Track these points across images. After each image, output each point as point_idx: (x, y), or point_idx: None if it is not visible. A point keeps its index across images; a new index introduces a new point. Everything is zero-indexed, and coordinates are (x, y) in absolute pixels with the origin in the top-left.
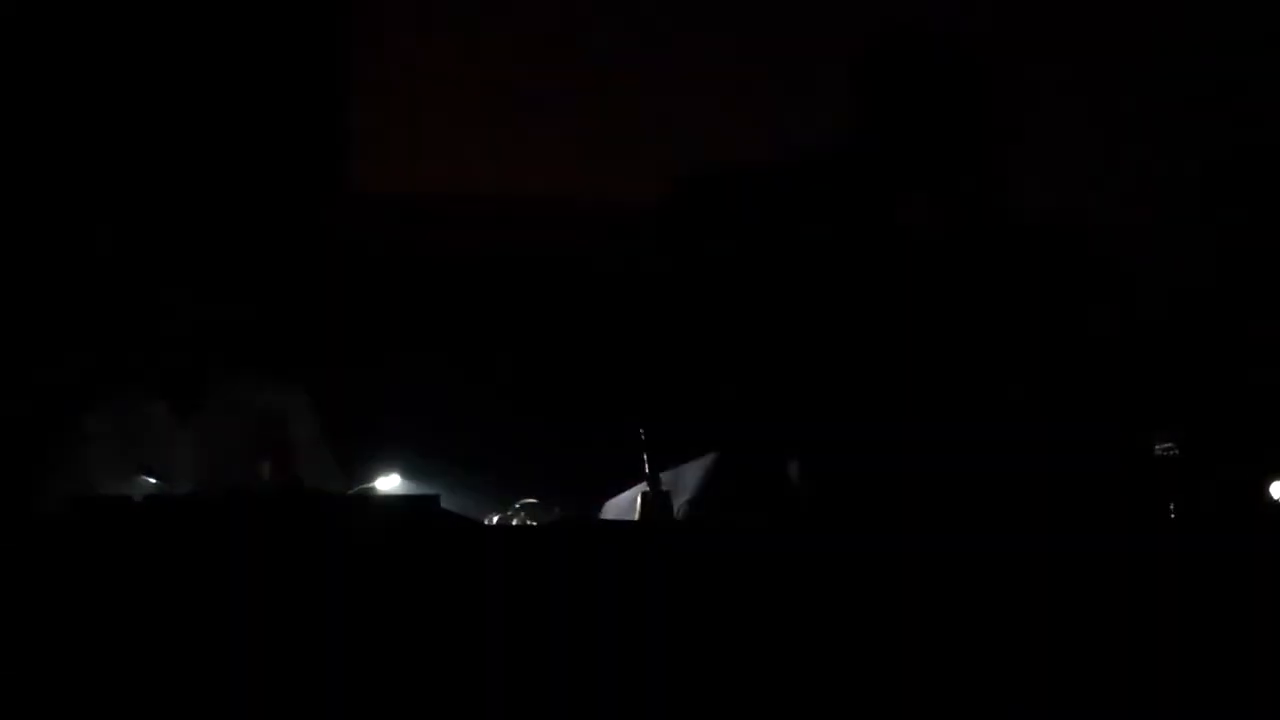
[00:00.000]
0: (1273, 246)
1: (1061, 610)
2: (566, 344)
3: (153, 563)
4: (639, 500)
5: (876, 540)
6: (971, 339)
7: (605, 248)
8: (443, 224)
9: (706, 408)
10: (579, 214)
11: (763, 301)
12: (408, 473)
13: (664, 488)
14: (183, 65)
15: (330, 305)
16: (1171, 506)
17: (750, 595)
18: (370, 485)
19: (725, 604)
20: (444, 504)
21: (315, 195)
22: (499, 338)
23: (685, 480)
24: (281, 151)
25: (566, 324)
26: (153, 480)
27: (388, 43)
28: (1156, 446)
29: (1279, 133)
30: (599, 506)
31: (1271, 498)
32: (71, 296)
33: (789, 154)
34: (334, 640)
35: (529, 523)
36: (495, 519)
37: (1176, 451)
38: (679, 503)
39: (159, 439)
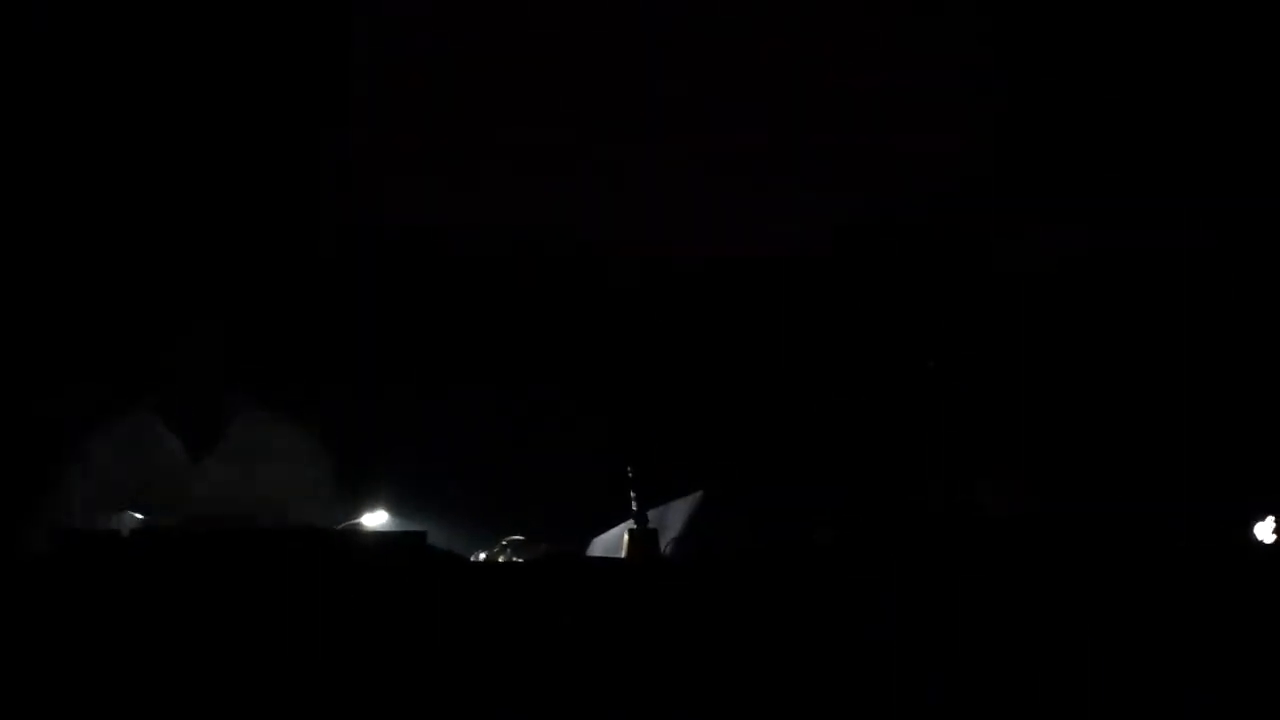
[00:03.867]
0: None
1: None
2: (556, 381)
3: (137, 598)
4: (626, 537)
5: None
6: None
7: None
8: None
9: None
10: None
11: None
12: (395, 509)
13: (650, 525)
14: (189, 101)
15: (319, 340)
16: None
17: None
18: (357, 521)
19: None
20: (431, 540)
21: (310, 226)
22: (489, 374)
23: (672, 518)
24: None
25: (557, 361)
26: (139, 516)
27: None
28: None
29: None
30: (587, 544)
31: (1256, 539)
32: (72, 325)
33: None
34: (321, 674)
35: (515, 560)
36: (482, 556)
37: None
38: (665, 540)
39: (169, 476)
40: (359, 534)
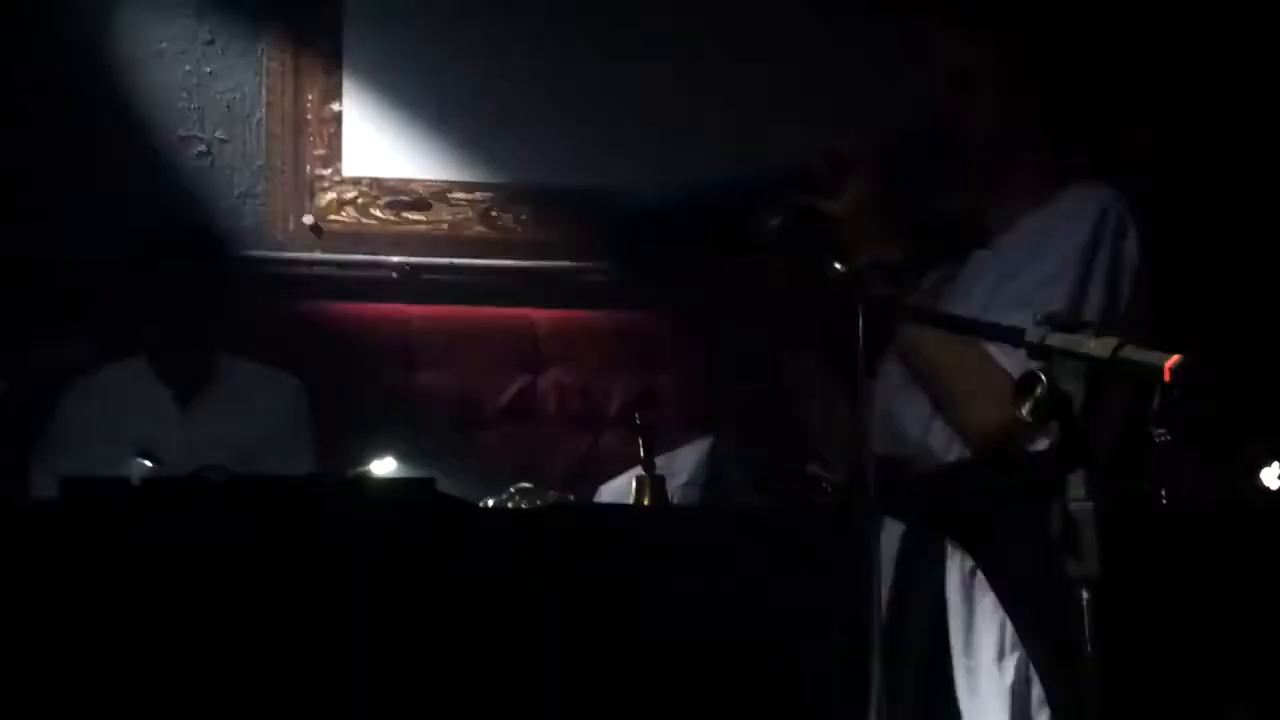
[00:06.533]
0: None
1: None
2: (564, 327)
3: (146, 545)
4: (634, 484)
5: None
6: None
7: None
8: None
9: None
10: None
11: None
12: (403, 456)
13: (659, 471)
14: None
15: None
16: (1163, 492)
17: None
18: (366, 469)
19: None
20: (439, 488)
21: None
22: (494, 319)
23: (680, 464)
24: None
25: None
26: (148, 463)
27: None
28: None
29: None
30: (594, 490)
31: (1261, 483)
32: (69, 279)
33: None
34: (331, 621)
35: (523, 506)
36: (490, 502)
37: (1168, 437)
38: (674, 486)
39: (157, 423)
40: (368, 481)
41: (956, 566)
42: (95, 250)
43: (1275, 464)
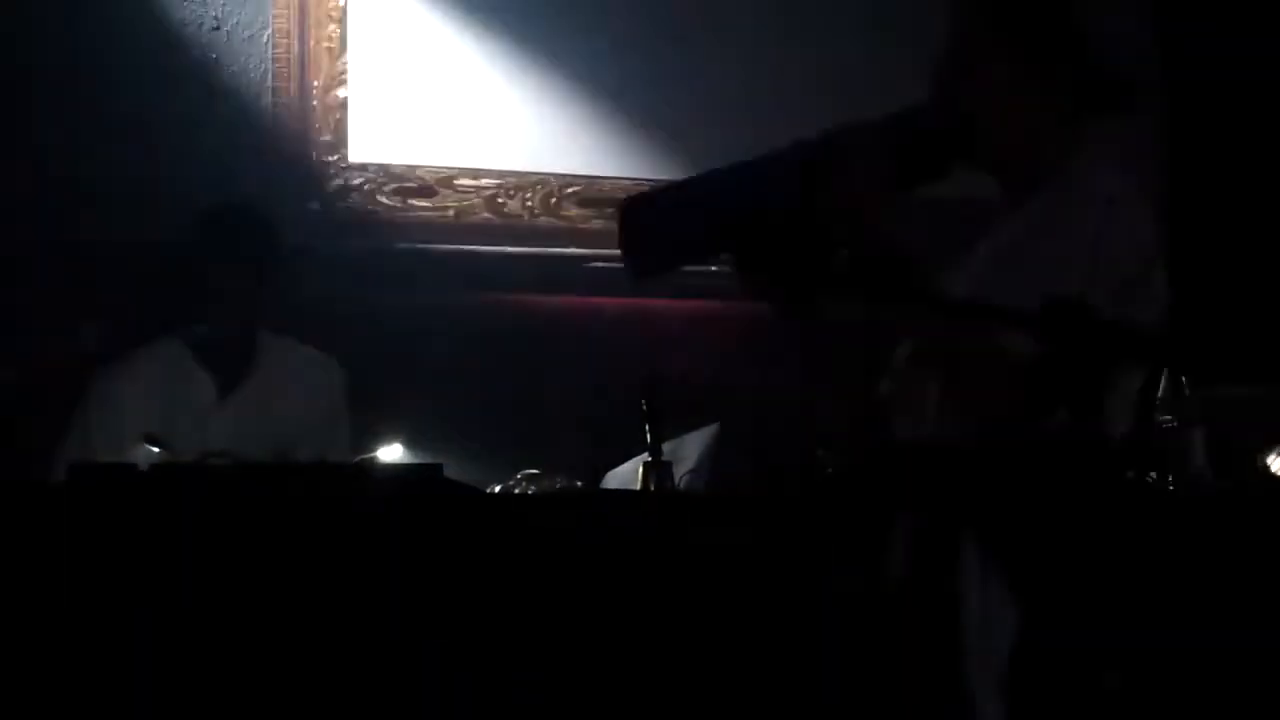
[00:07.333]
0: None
1: None
2: (568, 317)
3: (155, 532)
4: (640, 470)
5: None
6: None
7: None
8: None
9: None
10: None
11: None
12: (410, 443)
13: (665, 458)
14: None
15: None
16: (1170, 479)
17: None
18: (373, 455)
19: None
20: (447, 474)
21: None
22: (501, 307)
23: (687, 451)
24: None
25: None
26: (156, 449)
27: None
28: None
29: None
30: (601, 477)
31: (1268, 469)
32: (90, 262)
33: None
34: (338, 608)
35: (530, 492)
36: (497, 489)
37: (1175, 424)
38: (680, 473)
39: (195, 409)
40: (375, 467)
41: (971, 556)
42: (109, 237)
43: None
